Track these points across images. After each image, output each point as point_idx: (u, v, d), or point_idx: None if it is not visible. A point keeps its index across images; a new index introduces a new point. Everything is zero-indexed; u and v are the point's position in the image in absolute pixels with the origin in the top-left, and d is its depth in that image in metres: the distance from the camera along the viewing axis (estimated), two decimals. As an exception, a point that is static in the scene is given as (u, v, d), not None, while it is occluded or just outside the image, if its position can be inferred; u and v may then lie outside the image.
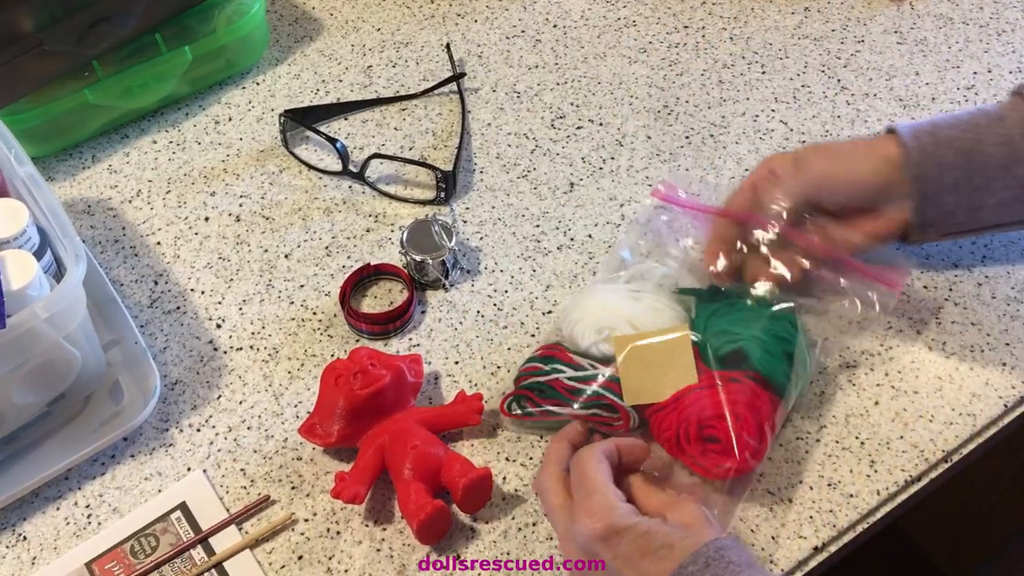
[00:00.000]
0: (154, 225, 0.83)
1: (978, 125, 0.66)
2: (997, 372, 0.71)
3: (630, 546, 0.55)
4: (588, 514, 0.57)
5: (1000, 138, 0.65)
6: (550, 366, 0.67)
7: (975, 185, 0.66)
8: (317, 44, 0.97)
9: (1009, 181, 0.66)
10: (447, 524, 0.64)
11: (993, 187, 0.66)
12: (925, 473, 0.68)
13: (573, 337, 0.69)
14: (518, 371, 0.69)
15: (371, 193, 0.84)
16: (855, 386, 0.71)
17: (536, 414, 0.67)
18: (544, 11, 0.99)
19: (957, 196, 0.67)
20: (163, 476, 0.68)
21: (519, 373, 0.69)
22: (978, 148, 0.65)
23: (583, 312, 0.69)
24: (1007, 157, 0.65)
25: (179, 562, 0.64)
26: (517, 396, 0.68)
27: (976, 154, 0.65)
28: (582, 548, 0.57)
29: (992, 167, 0.65)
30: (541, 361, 0.68)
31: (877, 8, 0.99)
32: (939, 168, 0.66)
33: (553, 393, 0.67)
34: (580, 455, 0.61)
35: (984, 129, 0.66)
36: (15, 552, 0.65)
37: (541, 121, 0.89)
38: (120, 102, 0.86)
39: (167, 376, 0.73)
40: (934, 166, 0.66)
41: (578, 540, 0.57)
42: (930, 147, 0.66)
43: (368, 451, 0.66)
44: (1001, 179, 0.66)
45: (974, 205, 0.67)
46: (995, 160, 0.65)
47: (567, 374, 0.67)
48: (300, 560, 0.64)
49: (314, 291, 0.78)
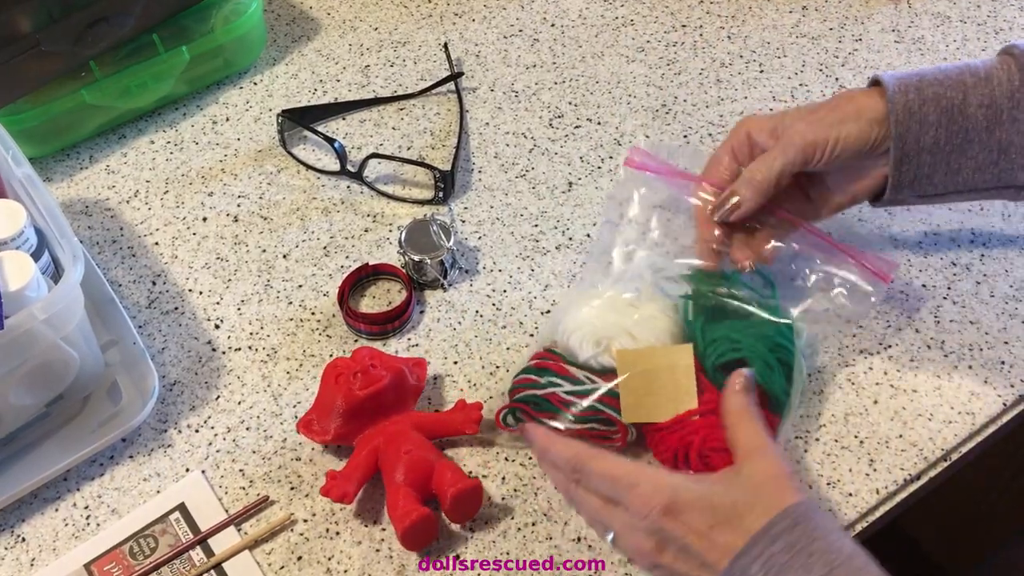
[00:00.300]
0: (152, 225, 0.82)
1: (964, 83, 0.64)
2: (996, 371, 0.71)
3: (698, 517, 0.55)
4: (645, 499, 0.56)
5: (984, 98, 0.63)
6: (546, 379, 0.66)
7: (955, 146, 0.64)
8: (315, 44, 0.97)
9: (989, 143, 0.64)
10: (433, 532, 0.64)
11: (972, 150, 0.64)
12: (924, 472, 0.68)
13: (570, 348, 0.67)
14: (512, 382, 0.68)
15: (369, 193, 0.84)
16: (854, 385, 0.71)
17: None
18: (542, 10, 0.99)
19: (935, 157, 0.65)
20: (162, 477, 0.68)
21: (513, 385, 0.68)
22: (962, 108, 0.63)
23: (579, 322, 0.67)
24: (989, 119, 0.63)
25: (178, 563, 0.64)
26: (512, 408, 0.67)
27: (959, 114, 0.63)
28: (649, 531, 0.56)
29: (974, 128, 0.64)
30: (536, 373, 0.67)
31: (875, 7, 0.99)
32: (920, 126, 0.64)
33: (549, 406, 0.65)
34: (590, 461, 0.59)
35: (970, 88, 0.64)
36: (14, 553, 0.65)
37: (539, 120, 0.89)
38: (118, 102, 0.86)
39: (165, 377, 0.73)
40: (916, 124, 0.64)
41: (642, 526, 0.56)
42: (915, 104, 0.64)
43: (362, 452, 0.66)
44: (981, 141, 0.64)
45: (952, 167, 0.65)
46: (977, 121, 0.64)
47: (564, 388, 0.65)
48: (299, 561, 0.64)
49: (312, 291, 0.78)
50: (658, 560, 0.56)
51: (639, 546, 0.57)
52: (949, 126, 0.64)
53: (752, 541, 0.53)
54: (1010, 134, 0.63)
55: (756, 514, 0.54)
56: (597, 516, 0.59)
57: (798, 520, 0.54)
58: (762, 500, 0.55)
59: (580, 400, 0.65)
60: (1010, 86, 0.63)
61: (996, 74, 0.64)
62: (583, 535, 0.65)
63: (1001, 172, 0.65)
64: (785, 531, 0.53)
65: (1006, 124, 0.63)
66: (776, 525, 0.53)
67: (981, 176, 0.65)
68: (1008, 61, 0.64)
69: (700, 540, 0.55)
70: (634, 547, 0.57)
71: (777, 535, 0.53)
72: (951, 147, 0.64)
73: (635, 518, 0.56)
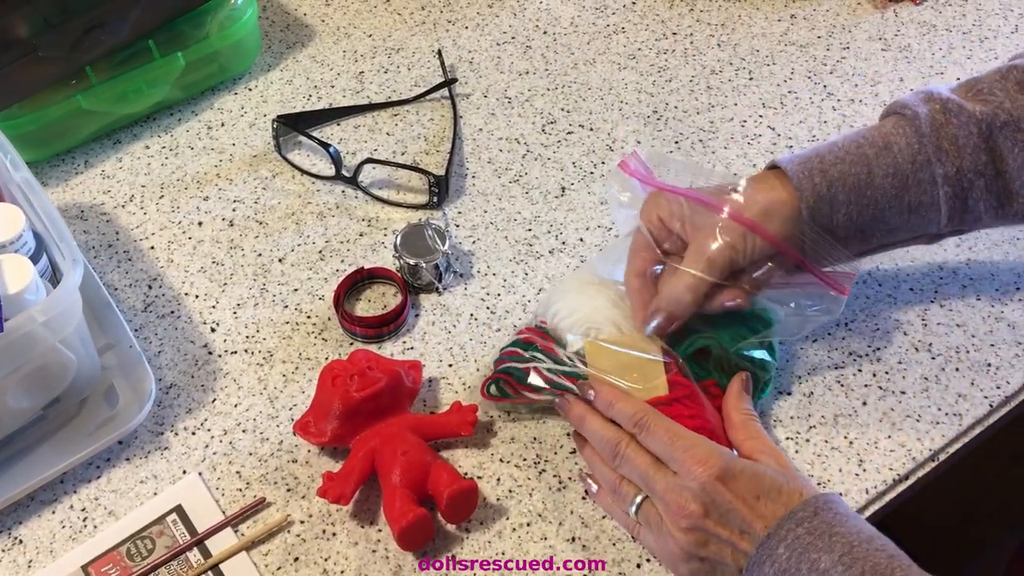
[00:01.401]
0: (148, 230, 0.83)
1: (866, 156, 0.64)
2: (983, 372, 0.73)
3: (746, 485, 0.59)
4: (700, 461, 0.59)
5: (889, 167, 0.64)
6: (530, 353, 0.68)
7: (867, 219, 0.65)
8: (309, 50, 0.97)
9: (900, 208, 0.65)
10: (430, 533, 0.64)
11: (884, 216, 0.65)
12: (912, 472, 0.69)
13: (558, 332, 0.69)
14: (499, 353, 0.70)
15: (364, 198, 0.85)
16: (843, 387, 0.72)
17: (513, 396, 0.68)
18: (534, 18, 1.00)
19: (848, 231, 0.65)
20: (159, 479, 0.69)
21: (500, 355, 0.70)
22: (870, 182, 0.64)
23: (571, 307, 0.69)
24: (896, 187, 0.64)
25: (176, 564, 0.65)
26: (496, 379, 0.69)
27: (867, 187, 0.64)
28: (699, 493, 0.58)
29: (883, 199, 0.64)
30: (523, 347, 0.69)
31: (862, 15, 1.00)
32: (831, 207, 0.64)
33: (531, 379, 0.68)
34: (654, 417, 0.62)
35: (873, 161, 0.64)
36: (11, 555, 0.65)
37: (532, 126, 0.90)
38: (113, 108, 0.86)
39: (162, 380, 0.73)
40: (826, 206, 0.64)
41: (693, 487, 0.58)
42: (822, 187, 0.64)
43: (359, 453, 0.66)
44: (891, 208, 0.65)
45: (866, 235, 0.66)
46: (885, 191, 0.64)
47: (547, 364, 0.67)
48: (296, 561, 0.65)
49: (308, 295, 0.78)
50: (700, 522, 0.58)
51: (684, 506, 0.59)
52: (859, 201, 0.64)
53: (778, 525, 0.56)
54: (918, 195, 0.64)
55: (793, 495, 0.58)
56: (642, 468, 0.61)
57: (819, 509, 0.57)
58: (795, 484, 0.59)
59: (560, 380, 0.67)
60: (910, 151, 0.64)
61: (894, 141, 0.64)
62: (578, 535, 0.65)
63: (913, 228, 0.66)
64: (807, 518, 0.57)
65: (912, 188, 0.64)
66: (798, 512, 0.57)
67: (894, 236, 0.67)
68: (902, 125, 0.65)
69: (746, 507, 0.58)
70: (678, 506, 0.59)
71: (801, 520, 0.56)
72: (863, 220, 0.65)
73: (687, 479, 0.59)
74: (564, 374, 0.67)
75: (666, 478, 0.60)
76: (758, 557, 0.56)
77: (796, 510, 0.57)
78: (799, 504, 0.57)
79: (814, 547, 0.55)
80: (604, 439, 0.64)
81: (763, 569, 0.56)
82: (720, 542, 0.58)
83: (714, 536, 0.58)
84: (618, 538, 0.65)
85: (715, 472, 0.58)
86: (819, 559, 0.54)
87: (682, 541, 0.59)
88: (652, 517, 0.61)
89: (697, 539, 0.59)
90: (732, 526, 0.58)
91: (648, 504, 0.62)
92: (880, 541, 0.56)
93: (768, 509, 0.58)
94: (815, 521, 0.56)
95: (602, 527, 0.66)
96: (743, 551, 0.57)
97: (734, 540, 0.58)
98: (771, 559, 0.56)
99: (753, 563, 0.57)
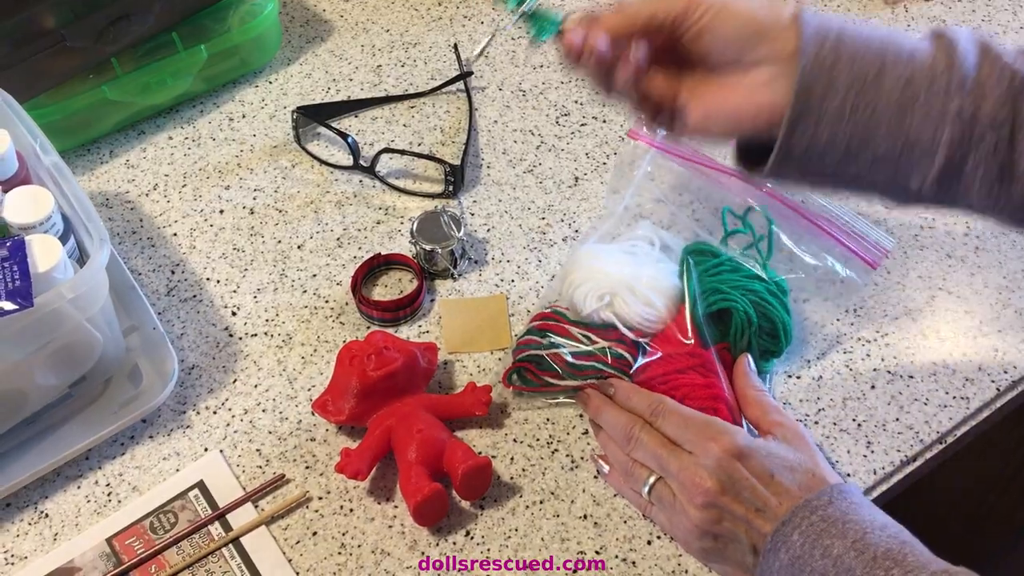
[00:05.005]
0: (171, 217, 0.85)
1: (885, 53, 0.55)
2: (990, 357, 0.74)
3: (761, 463, 0.59)
4: (714, 439, 0.60)
5: (902, 76, 0.55)
6: (547, 340, 0.70)
7: (859, 126, 0.55)
8: (328, 44, 0.99)
9: (897, 133, 0.55)
10: (444, 508, 0.66)
11: (877, 134, 0.55)
12: (920, 454, 0.70)
13: (574, 301, 0.71)
14: (516, 343, 0.72)
15: (381, 187, 0.87)
16: (852, 371, 0.73)
17: (537, 384, 0.70)
18: (549, 13, 1.02)
19: (836, 131, 0.56)
20: (181, 456, 0.70)
21: (517, 345, 0.72)
22: (878, 81, 0.55)
23: (585, 275, 0.71)
24: (903, 102, 0.55)
25: (197, 537, 0.66)
26: (517, 368, 0.71)
27: (873, 87, 0.55)
28: (715, 470, 0.59)
29: (883, 107, 0.55)
30: (538, 334, 0.71)
31: (872, 11, 1.01)
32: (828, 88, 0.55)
33: (550, 365, 0.70)
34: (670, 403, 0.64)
35: (890, 61, 0.55)
36: (37, 528, 0.67)
37: (546, 118, 0.92)
38: (137, 98, 0.88)
39: (184, 361, 0.75)
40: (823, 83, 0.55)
41: (709, 464, 0.59)
42: (828, 59, 0.55)
43: (375, 431, 0.68)
44: (888, 126, 0.55)
45: (850, 149, 0.56)
46: (890, 101, 0.55)
47: (564, 349, 0.69)
48: (314, 536, 0.66)
49: (326, 280, 0.80)
50: (716, 499, 0.59)
51: (700, 483, 0.59)
52: (859, 98, 0.55)
53: (792, 513, 0.57)
54: (921, 124, 0.55)
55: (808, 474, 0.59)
56: (656, 449, 0.62)
57: (833, 498, 0.57)
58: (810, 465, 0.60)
59: (581, 362, 0.69)
60: (932, 71, 0.55)
61: (921, 56, 0.56)
62: (589, 513, 0.67)
63: (898, 169, 0.57)
64: (822, 506, 0.57)
65: (918, 112, 0.55)
66: (813, 501, 0.57)
67: (875, 171, 0.57)
68: (937, 44, 0.56)
69: (761, 485, 0.59)
70: (693, 484, 0.60)
71: (815, 508, 0.57)
72: (854, 127, 0.56)
73: (704, 457, 0.60)
74: (584, 354, 0.68)
75: (680, 458, 0.61)
76: (773, 544, 0.57)
77: (811, 499, 0.57)
78: (814, 493, 0.58)
79: (827, 533, 0.56)
80: (618, 424, 0.65)
81: (778, 555, 0.57)
82: (735, 519, 0.59)
83: (729, 513, 0.59)
84: (629, 516, 0.66)
85: (730, 450, 0.59)
86: (832, 544, 0.55)
87: (697, 518, 0.60)
88: (665, 496, 0.62)
89: (712, 516, 0.59)
90: (748, 503, 0.59)
91: (661, 484, 0.63)
92: (893, 528, 0.56)
93: (782, 487, 0.59)
94: (829, 509, 0.57)
95: (613, 505, 0.67)
96: (757, 528, 0.58)
97: (749, 517, 0.58)
98: (786, 546, 0.56)
99: (768, 550, 0.57)
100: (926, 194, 0.57)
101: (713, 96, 0.59)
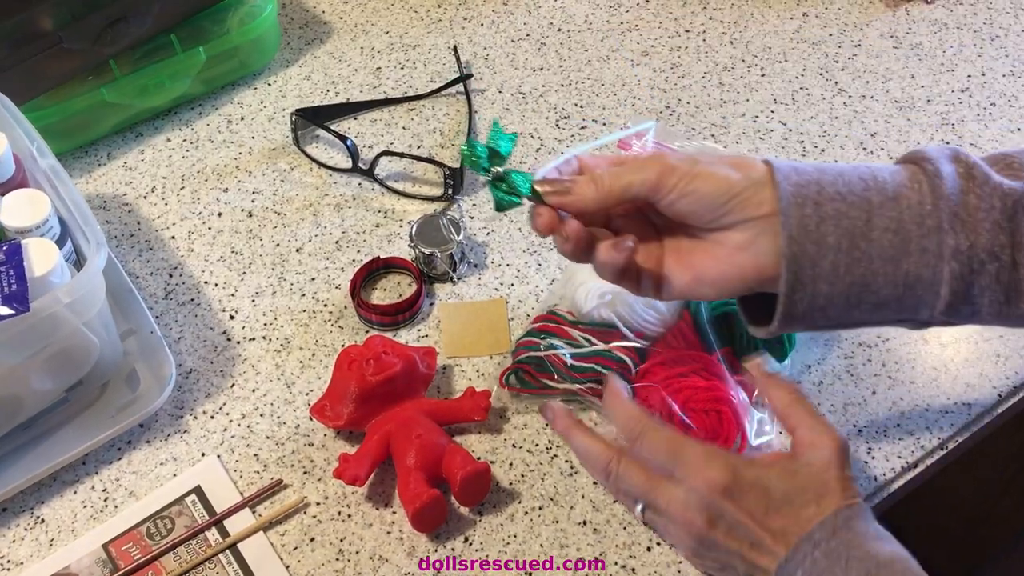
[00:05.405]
0: (168, 220, 0.84)
1: (869, 201, 0.54)
2: (991, 363, 0.73)
3: (755, 500, 0.55)
4: (703, 477, 0.56)
5: (891, 222, 0.54)
6: (546, 341, 0.70)
7: (855, 277, 0.54)
8: (327, 46, 0.99)
9: (895, 278, 0.54)
10: (443, 514, 0.65)
11: (876, 283, 0.54)
12: (921, 460, 0.69)
13: (575, 300, 0.71)
14: (515, 344, 0.72)
15: (380, 190, 0.86)
16: (853, 376, 0.73)
17: (534, 387, 0.70)
18: (548, 16, 1.02)
19: (833, 287, 0.55)
20: (178, 461, 0.70)
21: (516, 346, 0.72)
22: (866, 232, 0.54)
23: (587, 275, 0.70)
24: (896, 249, 0.54)
25: (194, 543, 0.66)
26: (515, 369, 0.70)
27: (863, 239, 0.54)
28: (702, 507, 0.56)
29: (878, 256, 0.54)
30: (538, 336, 0.71)
31: (873, 13, 1.01)
32: (818, 248, 0.54)
33: (548, 367, 0.69)
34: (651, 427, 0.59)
35: (876, 208, 0.54)
36: (33, 534, 0.67)
37: (546, 121, 0.92)
38: (136, 101, 0.88)
39: (182, 365, 0.75)
40: (812, 244, 0.54)
41: (696, 501, 0.56)
42: (812, 221, 0.54)
43: (374, 437, 0.67)
44: (885, 274, 0.54)
45: (852, 300, 0.55)
46: (882, 250, 0.54)
47: (564, 350, 0.69)
48: (312, 542, 0.66)
49: (325, 284, 0.80)
50: (708, 534, 0.56)
51: (690, 520, 0.56)
52: (850, 252, 0.54)
53: (795, 548, 0.54)
54: (918, 265, 0.54)
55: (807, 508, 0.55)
56: (640, 487, 0.58)
57: (837, 528, 0.54)
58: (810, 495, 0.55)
59: (580, 363, 0.69)
60: (920, 210, 0.54)
61: (906, 194, 0.54)
62: (588, 519, 0.66)
63: (903, 309, 0.56)
64: (825, 539, 0.54)
65: (914, 255, 0.54)
66: (816, 533, 0.54)
67: (881, 313, 0.56)
68: (918, 178, 0.55)
69: (754, 523, 0.55)
70: (684, 520, 0.56)
71: (818, 542, 0.54)
72: (851, 279, 0.55)
73: (690, 493, 0.56)
74: (583, 356, 0.68)
75: (666, 493, 0.57)
76: None
77: (813, 531, 0.54)
78: (815, 526, 0.54)
79: (830, 572, 0.53)
80: (591, 457, 0.61)
81: None
82: (729, 553, 0.57)
83: (723, 547, 0.56)
84: (628, 522, 0.66)
85: (721, 489, 0.55)
86: None
87: (691, 548, 0.58)
88: (658, 521, 0.59)
89: (706, 546, 0.57)
90: (741, 539, 0.56)
91: (651, 511, 0.59)
92: (900, 564, 0.53)
93: (778, 524, 0.55)
94: (832, 543, 0.53)
95: (613, 511, 0.67)
96: (752, 561, 0.56)
97: (743, 551, 0.56)
98: None
99: None
100: (937, 321, 0.56)
101: (698, 262, 0.58)
